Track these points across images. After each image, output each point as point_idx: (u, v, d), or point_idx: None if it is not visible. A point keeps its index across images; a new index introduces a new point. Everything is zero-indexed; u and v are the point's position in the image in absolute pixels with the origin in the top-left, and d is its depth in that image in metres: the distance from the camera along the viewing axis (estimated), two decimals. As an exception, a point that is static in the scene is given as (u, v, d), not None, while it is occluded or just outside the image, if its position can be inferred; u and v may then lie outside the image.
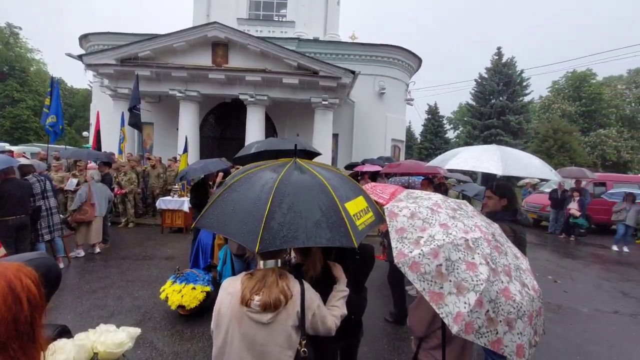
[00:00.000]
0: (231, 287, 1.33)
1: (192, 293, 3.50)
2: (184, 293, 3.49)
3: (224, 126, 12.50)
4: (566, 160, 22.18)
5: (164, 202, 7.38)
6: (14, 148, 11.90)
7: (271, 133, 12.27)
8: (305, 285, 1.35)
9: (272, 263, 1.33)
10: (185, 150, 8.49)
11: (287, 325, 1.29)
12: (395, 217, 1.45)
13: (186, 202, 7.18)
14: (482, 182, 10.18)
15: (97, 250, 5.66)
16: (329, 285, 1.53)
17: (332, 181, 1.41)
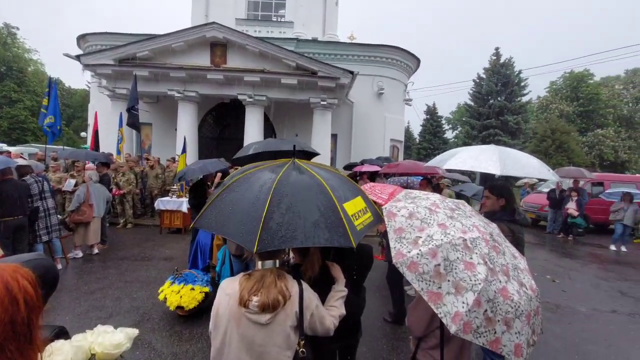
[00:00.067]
0: (229, 288, 1.32)
1: (190, 294, 3.50)
2: (183, 294, 3.48)
3: (223, 126, 12.48)
4: (564, 160, 22.26)
5: (163, 203, 7.37)
6: (12, 149, 11.84)
7: (270, 133, 12.26)
8: (303, 285, 1.35)
9: (270, 264, 1.33)
10: (184, 151, 8.47)
11: (286, 325, 1.29)
12: (393, 217, 1.45)
13: (185, 203, 7.16)
14: (480, 182, 10.20)
15: (95, 251, 5.64)
16: (327, 285, 1.53)
17: (330, 181, 1.41)
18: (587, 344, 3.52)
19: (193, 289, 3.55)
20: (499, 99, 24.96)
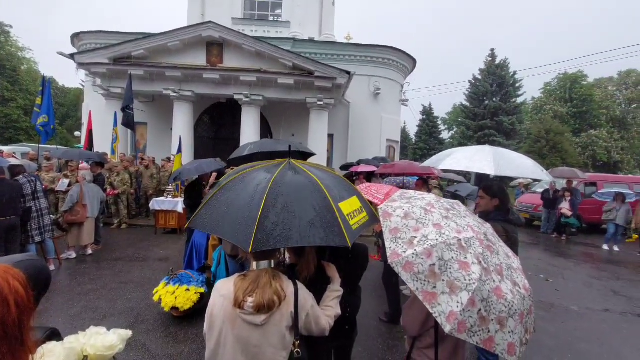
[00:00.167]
0: (224, 289, 1.32)
1: (186, 294, 3.48)
2: (178, 294, 3.46)
3: (219, 126, 12.43)
4: (558, 160, 22.51)
5: (158, 203, 7.32)
6: (4, 148, 11.67)
7: (266, 133, 12.23)
8: (298, 285, 1.35)
9: (265, 264, 1.32)
10: (179, 151, 8.42)
11: (281, 326, 1.28)
12: (389, 217, 1.45)
13: (180, 203, 7.12)
14: (475, 182, 10.27)
15: (89, 252, 5.59)
16: (323, 285, 1.53)
17: (326, 181, 1.41)
18: (580, 343, 3.57)
19: (188, 289, 3.53)
20: (494, 99, 25.16)
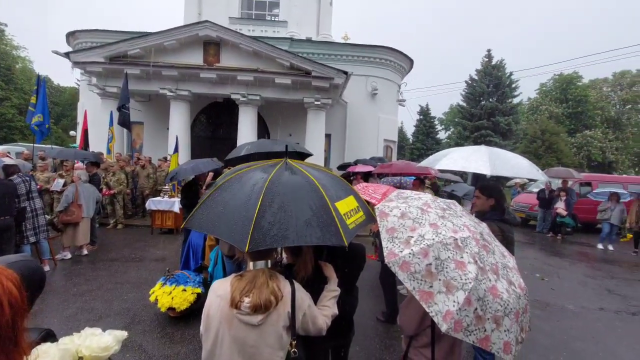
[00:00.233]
0: (220, 289, 1.31)
1: (182, 295, 3.46)
2: (174, 295, 3.44)
3: (216, 126, 12.39)
4: (553, 160, 22.69)
5: (154, 203, 7.28)
6: (-2, 148, 11.57)
7: (263, 133, 12.21)
8: (295, 285, 1.35)
9: (262, 264, 1.32)
10: (176, 150, 8.39)
11: (278, 326, 1.28)
12: (385, 217, 1.45)
13: (177, 203, 7.09)
14: (472, 182, 10.33)
15: (84, 252, 5.55)
16: (320, 285, 1.53)
17: (322, 181, 1.41)
18: (575, 341, 3.60)
19: (185, 290, 3.51)
20: (490, 100, 25.30)
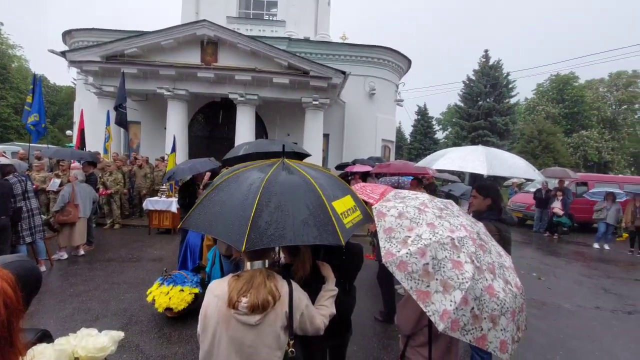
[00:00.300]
0: (218, 289, 1.31)
1: (180, 295, 3.45)
2: (172, 295, 3.43)
3: (213, 126, 12.35)
4: (550, 160, 22.82)
5: (151, 203, 7.25)
6: (-7, 147, 11.47)
7: (261, 133, 12.19)
8: (293, 285, 1.35)
9: (259, 264, 1.32)
10: (173, 150, 8.35)
11: (276, 326, 1.28)
12: (383, 216, 1.46)
13: (174, 203, 7.06)
14: (469, 182, 10.37)
15: (81, 253, 5.52)
16: (318, 284, 1.53)
17: (319, 180, 1.42)
18: (572, 340, 3.62)
19: (182, 290, 3.50)
20: (487, 100, 25.40)
